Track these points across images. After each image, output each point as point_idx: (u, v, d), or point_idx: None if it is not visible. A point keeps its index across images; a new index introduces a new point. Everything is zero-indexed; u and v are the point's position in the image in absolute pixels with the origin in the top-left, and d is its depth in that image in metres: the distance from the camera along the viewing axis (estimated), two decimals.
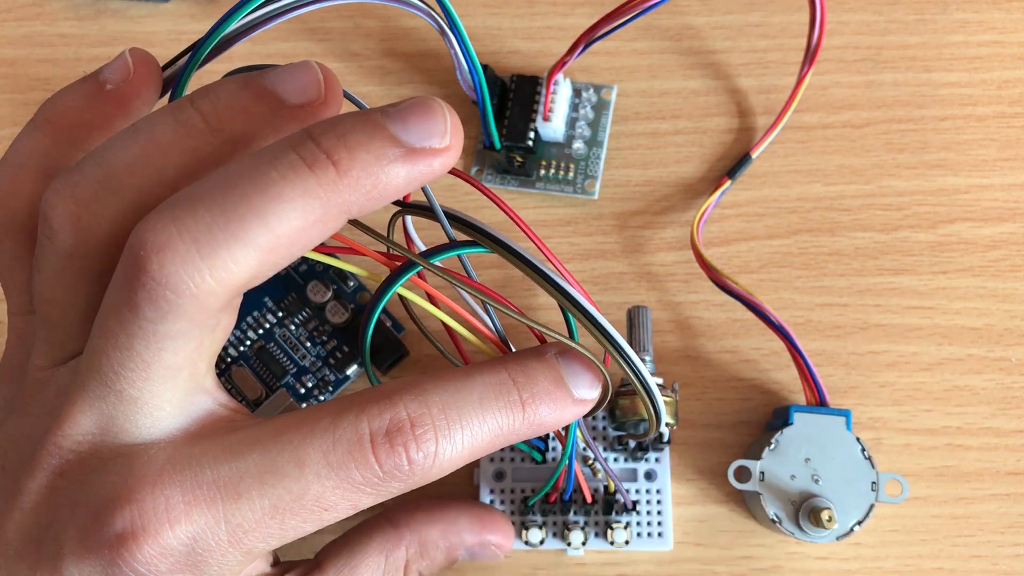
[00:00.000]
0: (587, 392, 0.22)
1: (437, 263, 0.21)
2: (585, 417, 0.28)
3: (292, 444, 0.20)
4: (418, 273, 0.22)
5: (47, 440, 0.20)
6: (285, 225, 0.18)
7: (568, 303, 0.21)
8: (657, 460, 0.32)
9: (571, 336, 0.22)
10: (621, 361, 0.21)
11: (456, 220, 0.21)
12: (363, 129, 0.19)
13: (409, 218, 0.23)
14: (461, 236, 0.21)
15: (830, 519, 0.29)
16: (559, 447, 0.32)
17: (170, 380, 0.20)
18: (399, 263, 0.22)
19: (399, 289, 0.22)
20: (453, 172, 0.21)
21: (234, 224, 0.18)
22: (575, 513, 0.32)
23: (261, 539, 0.20)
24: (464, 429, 0.20)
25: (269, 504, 0.19)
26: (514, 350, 0.23)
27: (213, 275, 0.18)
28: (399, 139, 0.19)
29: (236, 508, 0.19)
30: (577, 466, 0.30)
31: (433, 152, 0.19)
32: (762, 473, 0.30)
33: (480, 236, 0.21)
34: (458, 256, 0.22)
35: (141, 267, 0.18)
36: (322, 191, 0.18)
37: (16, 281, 0.23)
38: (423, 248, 0.23)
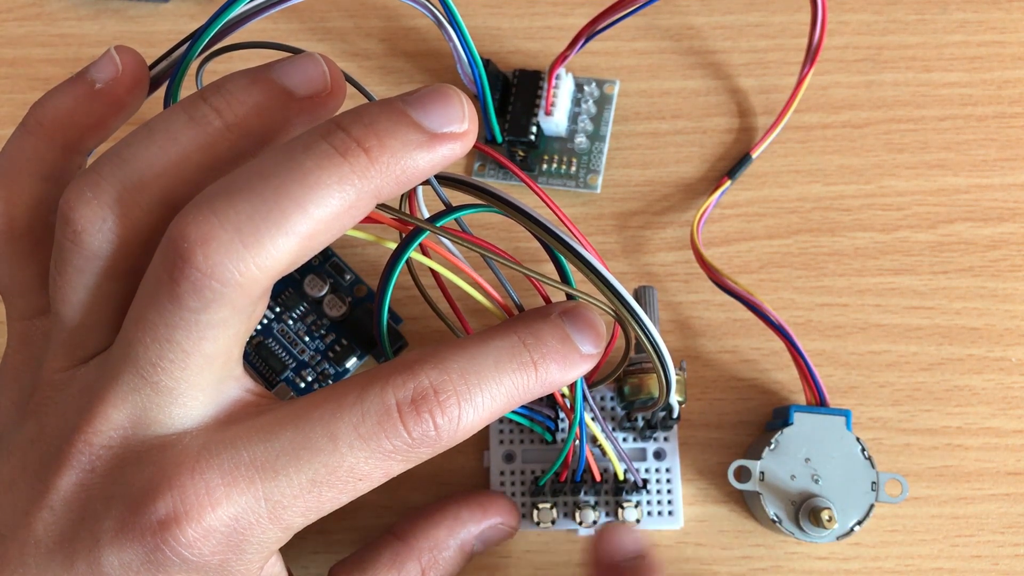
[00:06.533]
0: (592, 347, 0.23)
1: (441, 225, 0.22)
2: (594, 386, 0.29)
3: (323, 420, 0.20)
4: (425, 241, 0.23)
5: (76, 438, 0.20)
6: (322, 211, 0.19)
7: (582, 264, 0.22)
8: (666, 439, 0.33)
9: (569, 287, 0.23)
10: (632, 322, 0.22)
11: (472, 187, 0.22)
12: (389, 117, 0.20)
13: (419, 187, 0.24)
14: (464, 202, 0.22)
15: (830, 519, 0.29)
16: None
17: (206, 369, 0.20)
18: (410, 228, 0.23)
19: (411, 254, 0.23)
20: (485, 151, 0.23)
21: (275, 213, 0.19)
22: (585, 493, 0.32)
23: (300, 514, 0.20)
24: (483, 392, 0.21)
25: (307, 479, 0.20)
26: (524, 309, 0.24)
27: (256, 263, 0.19)
28: (422, 125, 0.20)
29: (275, 485, 0.20)
30: (586, 446, 0.30)
31: (453, 136, 0.20)
32: (762, 473, 0.30)
33: (495, 201, 0.22)
34: (457, 220, 0.23)
35: (184, 258, 0.18)
36: (356, 177, 0.19)
37: (18, 286, 0.23)
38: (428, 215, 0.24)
